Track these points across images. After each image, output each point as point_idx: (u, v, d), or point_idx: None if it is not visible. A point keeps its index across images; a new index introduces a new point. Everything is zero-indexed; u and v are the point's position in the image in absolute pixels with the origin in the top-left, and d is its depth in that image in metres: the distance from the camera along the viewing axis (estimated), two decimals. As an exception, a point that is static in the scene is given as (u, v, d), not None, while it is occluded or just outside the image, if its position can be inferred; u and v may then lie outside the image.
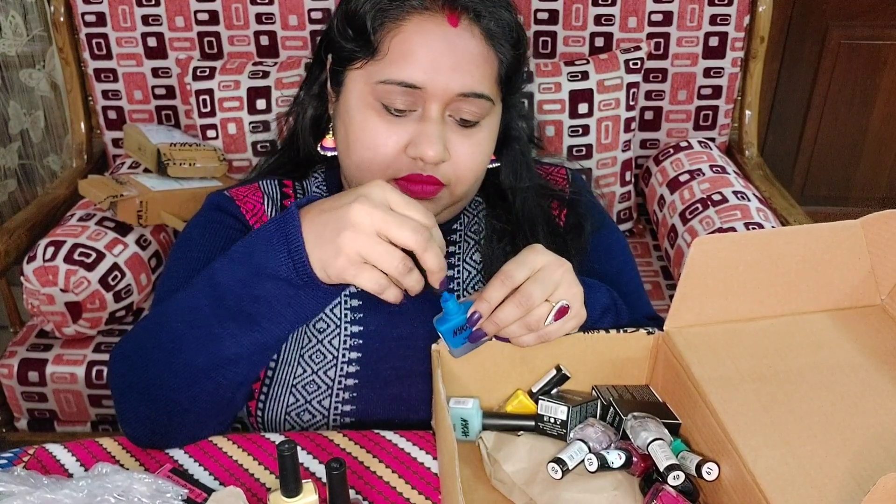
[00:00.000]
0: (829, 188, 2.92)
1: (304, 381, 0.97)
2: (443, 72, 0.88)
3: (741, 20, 1.88)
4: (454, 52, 0.89)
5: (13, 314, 1.75)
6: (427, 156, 0.89)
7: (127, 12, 1.88)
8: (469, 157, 0.93)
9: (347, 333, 0.99)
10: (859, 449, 0.68)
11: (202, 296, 0.79)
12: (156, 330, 0.83)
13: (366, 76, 0.91)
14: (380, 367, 0.98)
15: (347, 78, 0.94)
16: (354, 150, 0.93)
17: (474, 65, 0.90)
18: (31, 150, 2.45)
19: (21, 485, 0.73)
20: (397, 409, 0.97)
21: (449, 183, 0.94)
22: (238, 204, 1.03)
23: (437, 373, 0.80)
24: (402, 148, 0.91)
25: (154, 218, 1.66)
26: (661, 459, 0.74)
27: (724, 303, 0.82)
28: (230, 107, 1.80)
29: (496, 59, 0.92)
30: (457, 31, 0.89)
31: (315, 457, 0.87)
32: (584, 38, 1.91)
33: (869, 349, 0.80)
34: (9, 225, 1.70)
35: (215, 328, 0.78)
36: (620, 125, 1.83)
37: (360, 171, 0.94)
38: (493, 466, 0.81)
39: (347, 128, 0.94)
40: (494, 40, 0.91)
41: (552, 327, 0.80)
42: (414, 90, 0.89)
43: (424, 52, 0.88)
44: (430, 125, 0.90)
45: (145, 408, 0.84)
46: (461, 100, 0.90)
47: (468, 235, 1.06)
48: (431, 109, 0.90)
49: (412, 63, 0.88)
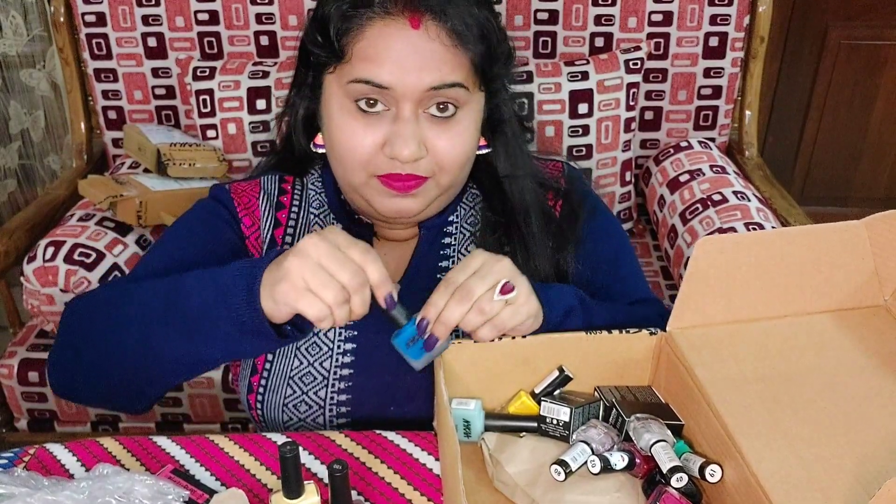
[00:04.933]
0: (829, 188, 2.92)
1: (300, 372, 0.99)
2: (410, 72, 0.90)
3: (741, 20, 1.88)
4: (418, 53, 0.90)
5: (13, 314, 1.75)
6: (402, 155, 0.91)
7: (127, 12, 1.87)
8: (449, 149, 0.94)
9: (342, 325, 1.00)
10: (863, 451, 0.68)
11: (163, 293, 0.86)
12: (113, 304, 0.90)
13: (338, 79, 0.94)
14: (373, 356, 0.99)
15: (324, 82, 0.97)
16: (336, 150, 0.96)
17: (441, 62, 0.91)
18: (32, 149, 2.44)
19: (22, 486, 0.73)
20: (392, 398, 0.99)
21: (433, 174, 0.95)
22: (233, 196, 1.06)
23: (440, 374, 0.80)
24: (378, 146, 0.93)
25: (154, 218, 1.66)
26: (664, 461, 0.74)
27: (727, 303, 0.82)
28: (230, 107, 1.80)
29: (465, 55, 0.93)
30: (418, 33, 0.90)
31: (317, 457, 0.87)
32: (584, 39, 1.91)
33: (873, 350, 0.80)
34: (9, 225, 1.70)
35: (159, 326, 0.85)
36: (620, 125, 1.83)
37: (343, 170, 0.97)
38: (495, 468, 0.81)
39: (329, 129, 0.97)
40: (461, 38, 0.91)
41: (505, 313, 0.81)
42: (383, 90, 0.90)
43: (388, 55, 0.90)
44: (403, 125, 0.91)
45: (73, 360, 0.92)
46: (433, 94, 0.91)
47: (464, 228, 1.06)
48: (404, 108, 0.91)
49: (377, 65, 0.90)
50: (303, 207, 1.07)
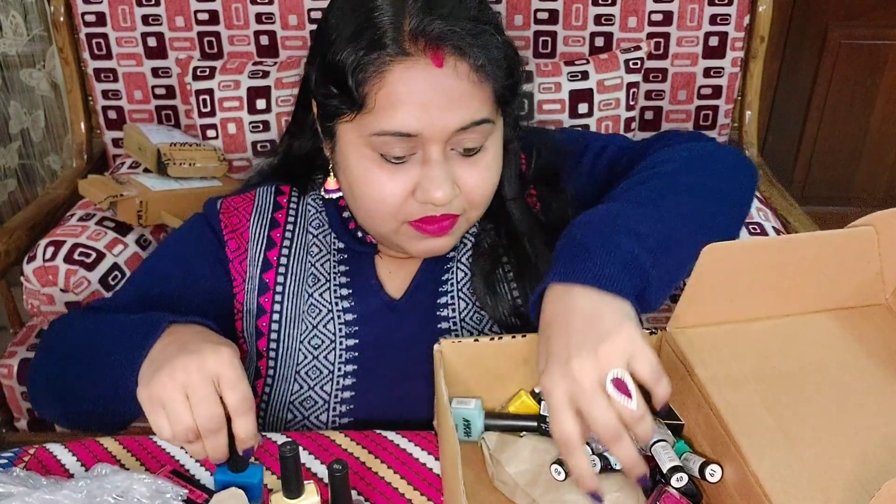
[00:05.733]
0: (829, 188, 2.92)
1: (306, 367, 0.98)
2: (436, 114, 0.85)
3: (741, 20, 1.87)
4: (444, 93, 0.85)
5: (13, 314, 1.75)
6: (436, 199, 0.87)
7: (127, 12, 1.87)
8: (480, 185, 0.91)
9: (342, 321, 1.00)
10: (864, 451, 0.68)
11: (109, 333, 0.87)
12: (86, 336, 0.91)
13: (358, 129, 0.88)
14: (376, 347, 0.99)
15: (339, 130, 0.91)
16: (361, 203, 0.92)
17: (467, 99, 0.86)
18: (32, 149, 2.44)
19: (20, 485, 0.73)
20: (397, 407, 0.98)
21: (464, 212, 0.93)
22: (221, 217, 1.03)
23: (440, 374, 0.79)
24: (408, 193, 0.89)
25: (154, 218, 1.66)
26: (664, 461, 0.74)
27: (730, 306, 0.81)
28: (230, 107, 1.80)
29: (490, 87, 0.88)
30: (443, 71, 0.84)
31: (317, 457, 0.87)
32: (584, 38, 1.91)
33: (873, 350, 0.79)
34: (9, 225, 1.70)
35: (102, 366, 0.85)
36: (620, 125, 1.83)
37: (371, 220, 0.93)
38: (495, 467, 0.81)
39: (350, 180, 0.92)
40: (485, 73, 0.86)
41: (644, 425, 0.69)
42: (410, 138, 0.86)
43: (412, 98, 0.84)
44: (433, 168, 0.87)
45: (54, 381, 0.93)
46: (461, 133, 0.87)
47: (464, 239, 1.03)
48: (432, 151, 0.87)
49: (402, 112, 0.84)
50: (299, 225, 1.04)
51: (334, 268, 1.02)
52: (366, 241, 1.02)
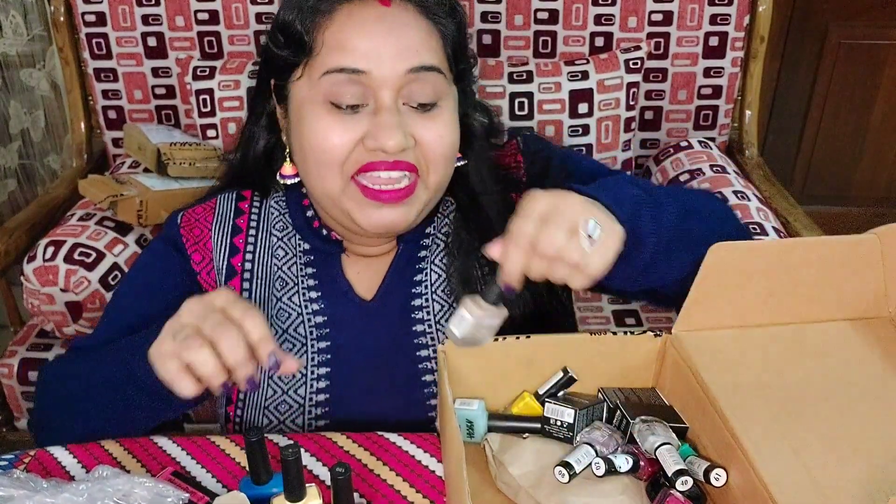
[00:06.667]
0: (829, 188, 2.92)
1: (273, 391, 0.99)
2: (385, 54, 0.86)
3: (741, 20, 1.87)
4: (392, 31, 0.86)
5: (13, 314, 1.75)
6: (387, 146, 0.86)
7: (127, 12, 1.87)
8: (437, 139, 0.90)
9: (312, 324, 0.99)
10: (869, 462, 0.68)
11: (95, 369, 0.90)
12: (85, 370, 0.92)
13: (309, 80, 0.89)
14: (349, 349, 0.99)
15: (291, 91, 0.92)
16: (310, 155, 0.90)
17: (417, 39, 0.88)
18: (32, 149, 2.44)
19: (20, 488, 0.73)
20: (371, 396, 0.98)
21: (420, 169, 0.90)
22: (182, 232, 1.02)
23: (444, 374, 0.79)
24: (356, 142, 0.88)
25: (154, 217, 1.65)
26: (669, 464, 0.74)
27: (736, 309, 0.81)
28: (230, 106, 1.79)
29: (437, 32, 0.90)
30: (390, 10, 0.87)
31: (318, 459, 0.87)
32: (584, 38, 1.90)
33: (880, 361, 0.79)
34: (9, 225, 1.70)
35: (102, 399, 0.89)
36: (620, 125, 1.83)
37: (318, 179, 0.92)
38: (498, 469, 0.80)
39: (300, 135, 0.91)
40: (430, 12, 0.89)
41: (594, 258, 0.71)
42: (359, 76, 0.86)
43: (361, 37, 0.86)
44: (384, 114, 0.87)
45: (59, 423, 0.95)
46: (412, 79, 0.87)
47: (437, 239, 1.02)
48: (383, 97, 0.87)
49: (350, 50, 0.86)
50: (261, 229, 1.02)
51: (301, 270, 1.01)
52: (331, 238, 1.01)
